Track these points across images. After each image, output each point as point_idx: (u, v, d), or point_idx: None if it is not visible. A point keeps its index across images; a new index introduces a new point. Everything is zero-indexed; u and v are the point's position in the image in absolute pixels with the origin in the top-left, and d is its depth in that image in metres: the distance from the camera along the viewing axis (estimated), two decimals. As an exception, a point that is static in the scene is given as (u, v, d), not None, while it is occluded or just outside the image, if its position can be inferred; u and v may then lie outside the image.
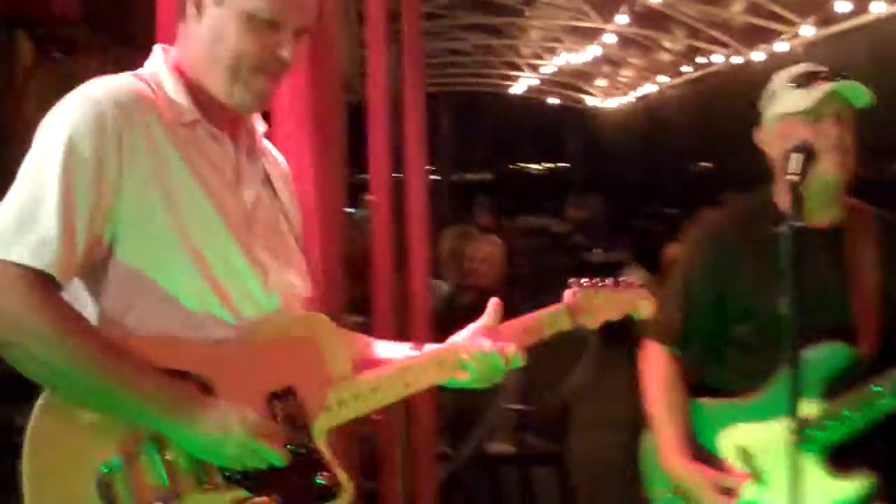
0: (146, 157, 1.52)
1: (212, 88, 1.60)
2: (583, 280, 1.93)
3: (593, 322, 1.93)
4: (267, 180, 1.72)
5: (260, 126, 1.74)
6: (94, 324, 1.52)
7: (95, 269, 1.53)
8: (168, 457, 1.48)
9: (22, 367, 1.43)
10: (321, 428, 1.60)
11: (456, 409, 3.74)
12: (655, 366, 2.36)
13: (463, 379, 1.75)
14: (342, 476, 1.60)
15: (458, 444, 3.93)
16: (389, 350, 1.82)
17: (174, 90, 1.60)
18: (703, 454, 2.23)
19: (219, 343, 1.55)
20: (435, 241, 4.62)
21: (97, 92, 1.53)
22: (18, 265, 1.43)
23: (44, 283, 1.44)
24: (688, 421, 2.27)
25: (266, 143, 1.79)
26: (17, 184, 1.49)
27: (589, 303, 1.91)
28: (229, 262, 1.58)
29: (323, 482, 1.57)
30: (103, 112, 1.50)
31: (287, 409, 1.57)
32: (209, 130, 1.61)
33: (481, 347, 1.73)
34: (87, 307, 1.54)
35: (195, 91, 1.61)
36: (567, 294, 1.91)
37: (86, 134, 1.49)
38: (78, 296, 1.54)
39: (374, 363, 1.76)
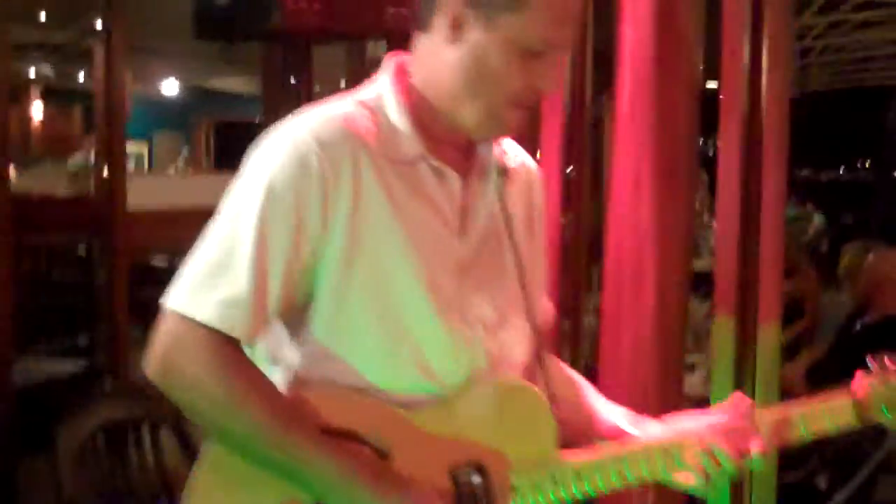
0: (350, 204, 1.34)
1: (458, 120, 1.41)
2: (888, 360, 1.54)
3: (890, 418, 1.53)
4: (500, 209, 1.49)
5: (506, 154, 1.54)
6: (287, 371, 1.40)
7: (297, 315, 1.38)
8: None
9: (196, 421, 1.35)
10: None
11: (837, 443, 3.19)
12: None
13: (682, 482, 1.48)
14: None
15: (836, 487, 3.31)
16: (606, 414, 1.59)
17: (399, 118, 1.41)
18: None
19: (409, 408, 1.38)
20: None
21: (302, 131, 1.35)
22: (205, 326, 1.31)
23: (229, 346, 1.32)
24: None
25: (509, 149, 1.56)
26: (215, 230, 1.35)
27: (891, 395, 1.52)
28: (431, 328, 1.39)
29: None
30: (309, 156, 1.33)
31: (470, 487, 1.38)
32: (434, 166, 1.41)
33: (712, 450, 1.45)
34: (287, 348, 1.41)
35: (425, 117, 1.42)
36: (858, 382, 1.53)
37: (287, 182, 1.33)
38: (280, 337, 1.41)
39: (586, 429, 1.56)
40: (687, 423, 1.52)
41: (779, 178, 2.30)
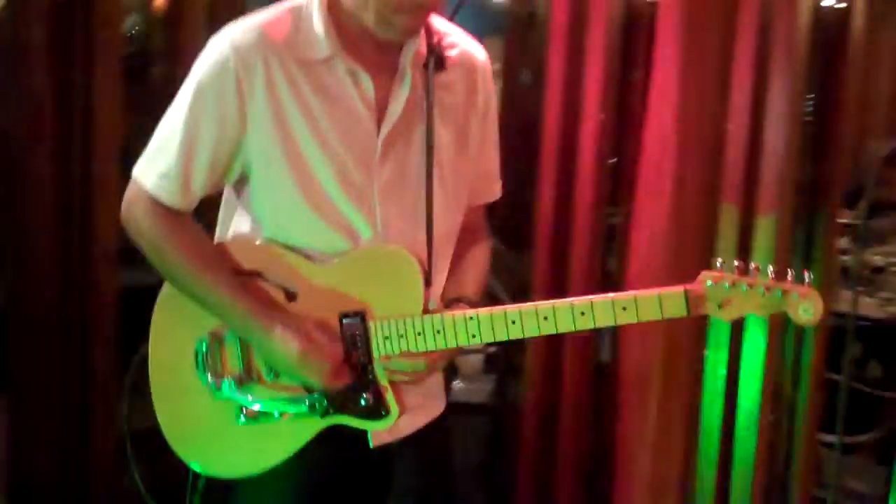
0: (264, 100, 1.65)
1: (363, 23, 1.65)
2: (735, 264, 1.67)
3: (723, 315, 1.67)
4: (425, 100, 1.74)
5: (447, 47, 1.77)
6: (244, 224, 1.77)
7: (240, 181, 1.75)
8: (249, 347, 1.75)
9: (149, 261, 1.75)
10: (381, 353, 1.72)
11: None
12: None
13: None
14: (390, 400, 1.73)
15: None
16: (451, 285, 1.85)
17: (318, 23, 1.67)
18: None
19: (315, 263, 1.72)
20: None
21: (224, 39, 1.67)
22: (147, 191, 1.71)
23: (161, 206, 1.71)
24: None
25: (463, 52, 1.81)
26: (165, 116, 1.72)
27: (721, 293, 1.66)
28: (333, 197, 1.69)
29: (366, 402, 1.72)
30: (226, 61, 1.65)
31: (353, 329, 1.71)
32: (347, 66, 1.67)
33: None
34: (241, 216, 1.78)
35: (345, 25, 1.68)
36: (699, 277, 1.67)
37: (209, 83, 1.66)
38: (229, 199, 1.81)
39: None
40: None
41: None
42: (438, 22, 1.80)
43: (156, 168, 1.70)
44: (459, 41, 1.82)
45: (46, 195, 2.88)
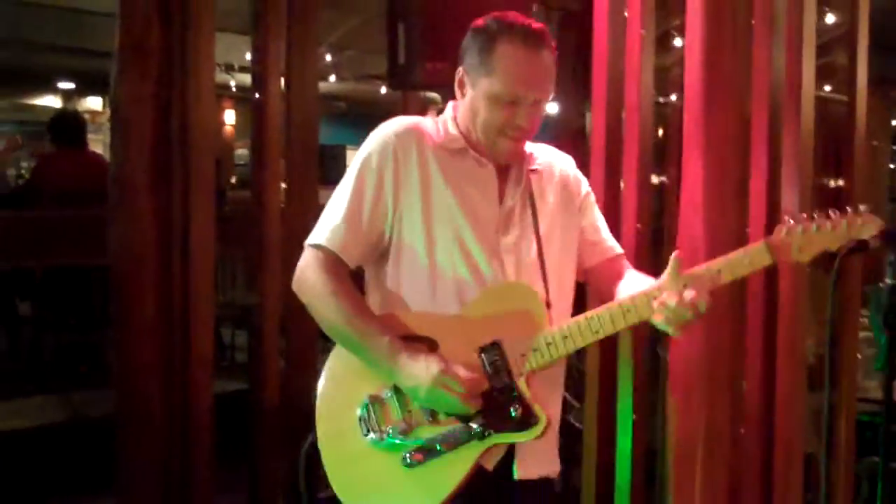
0: (416, 173, 2.08)
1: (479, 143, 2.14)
2: (802, 215, 2.00)
3: (803, 256, 1.99)
4: (530, 197, 2.18)
5: (537, 159, 2.22)
6: (374, 301, 2.14)
7: (381, 256, 2.12)
8: (405, 399, 2.04)
9: (313, 314, 2.08)
10: (522, 371, 2.02)
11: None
12: None
13: (659, 322, 1.99)
14: (537, 409, 2.00)
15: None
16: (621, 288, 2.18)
17: (452, 128, 2.16)
18: None
19: (448, 316, 2.06)
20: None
21: (387, 128, 2.13)
22: (319, 246, 2.08)
23: (331, 259, 2.07)
24: None
25: (556, 164, 2.27)
26: (336, 193, 2.13)
27: (798, 239, 1.98)
28: (468, 251, 2.07)
29: (516, 414, 1.99)
30: (388, 142, 2.10)
31: (492, 358, 2.02)
32: (475, 157, 2.13)
33: (664, 301, 1.96)
34: (375, 289, 2.16)
35: (468, 136, 2.15)
36: (775, 231, 2.00)
37: (374, 156, 2.09)
38: (370, 280, 2.17)
39: None
40: (642, 285, 2.08)
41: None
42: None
43: (327, 226, 2.08)
44: (547, 154, 2.30)
45: (149, 308, 3.18)
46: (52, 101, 14.93)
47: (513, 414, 1.99)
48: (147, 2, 3.11)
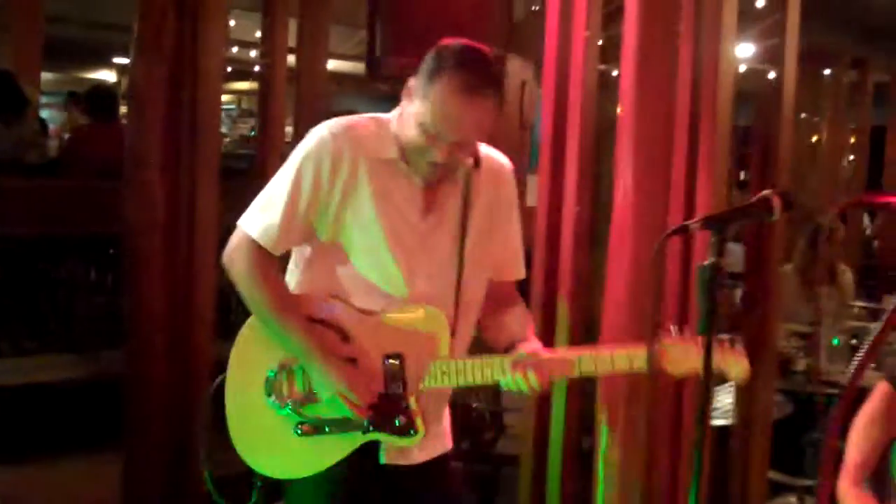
0: (346, 178, 2.13)
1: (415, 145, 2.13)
2: (673, 329, 2.16)
3: (673, 370, 2.15)
4: (459, 211, 2.22)
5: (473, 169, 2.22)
6: (300, 280, 2.24)
7: (307, 245, 2.22)
8: (308, 378, 2.19)
9: (241, 295, 2.19)
10: (415, 388, 2.18)
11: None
12: (875, 398, 2.41)
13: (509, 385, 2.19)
14: (418, 423, 2.18)
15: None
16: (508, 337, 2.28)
17: (391, 135, 2.16)
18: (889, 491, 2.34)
19: (367, 314, 2.19)
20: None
21: (325, 128, 2.16)
22: (251, 237, 2.16)
23: (261, 252, 2.16)
24: (877, 455, 2.36)
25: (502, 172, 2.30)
26: (272, 181, 2.19)
27: (670, 354, 2.14)
28: (384, 264, 2.16)
29: (400, 423, 2.18)
30: (325, 141, 2.14)
31: (393, 367, 2.18)
32: (404, 171, 2.15)
33: (523, 374, 2.14)
34: (300, 266, 2.25)
35: (402, 145, 2.15)
36: (662, 338, 2.15)
37: (311, 155, 2.14)
38: (296, 255, 2.26)
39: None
40: (527, 348, 2.22)
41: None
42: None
43: (262, 220, 2.15)
44: (489, 151, 2.31)
45: (157, 274, 3.49)
46: (108, 76, 15.39)
47: (397, 423, 2.17)
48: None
